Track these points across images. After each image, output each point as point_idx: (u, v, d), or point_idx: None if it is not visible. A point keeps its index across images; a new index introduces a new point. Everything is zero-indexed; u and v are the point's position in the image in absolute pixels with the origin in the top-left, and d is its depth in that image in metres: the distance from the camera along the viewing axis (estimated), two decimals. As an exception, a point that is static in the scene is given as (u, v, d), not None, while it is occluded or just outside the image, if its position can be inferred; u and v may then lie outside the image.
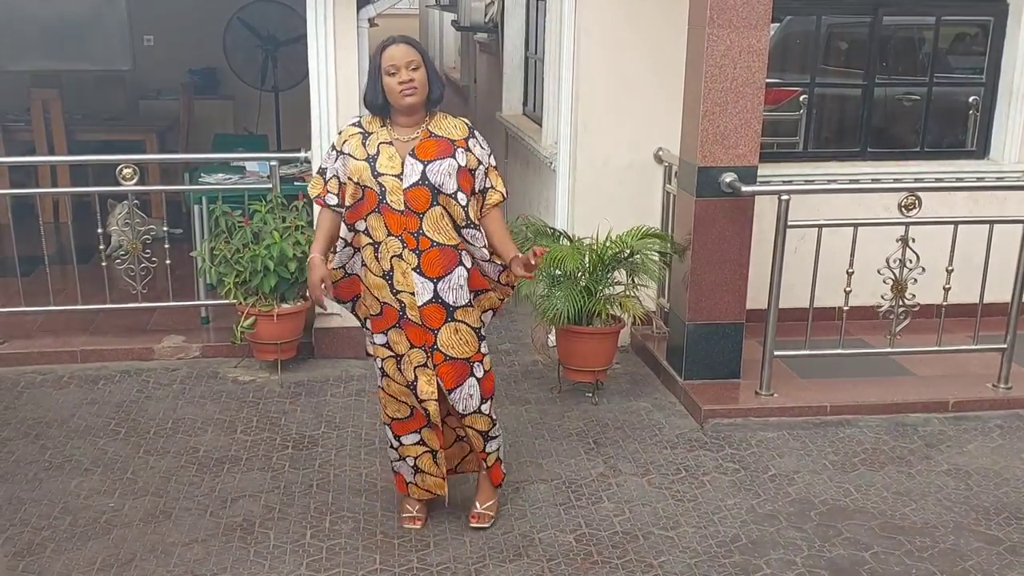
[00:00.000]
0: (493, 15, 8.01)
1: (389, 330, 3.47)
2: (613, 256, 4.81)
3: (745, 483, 4.09)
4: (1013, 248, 4.73)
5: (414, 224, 3.35)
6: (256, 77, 9.03)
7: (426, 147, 3.36)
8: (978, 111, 5.95)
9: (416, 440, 3.62)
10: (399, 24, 12.44)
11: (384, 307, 3.45)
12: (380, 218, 3.35)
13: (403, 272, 3.38)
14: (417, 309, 3.40)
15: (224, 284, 5.07)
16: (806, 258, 4.73)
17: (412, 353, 3.46)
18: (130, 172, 5.17)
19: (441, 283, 3.39)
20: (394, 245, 3.36)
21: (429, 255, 3.37)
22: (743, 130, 4.58)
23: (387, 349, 3.50)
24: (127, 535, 3.63)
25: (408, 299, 3.40)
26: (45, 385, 4.99)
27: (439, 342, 3.44)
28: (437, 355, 3.46)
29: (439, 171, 3.32)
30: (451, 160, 3.35)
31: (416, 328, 3.43)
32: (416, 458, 3.65)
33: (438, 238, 3.37)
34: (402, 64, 3.28)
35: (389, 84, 3.30)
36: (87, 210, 5.91)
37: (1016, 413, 4.74)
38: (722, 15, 4.46)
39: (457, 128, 3.43)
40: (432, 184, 3.32)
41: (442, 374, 3.47)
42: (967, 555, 3.59)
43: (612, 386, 5.05)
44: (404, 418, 3.60)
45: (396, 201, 3.33)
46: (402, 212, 3.33)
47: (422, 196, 3.33)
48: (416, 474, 3.68)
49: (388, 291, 3.42)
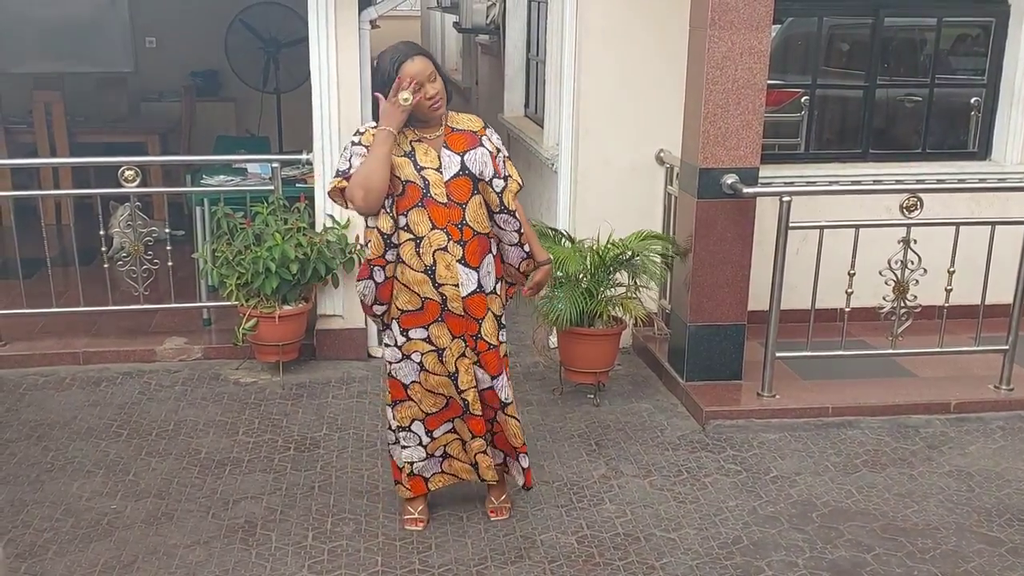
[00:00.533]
0: (495, 17, 8.01)
1: (431, 324, 3.47)
2: (614, 258, 4.81)
3: (747, 485, 4.09)
4: (1015, 249, 4.72)
5: (458, 215, 3.39)
6: (258, 79, 9.05)
7: (455, 140, 3.43)
8: (980, 112, 5.94)
9: (448, 429, 3.65)
10: (400, 26, 12.45)
11: (426, 302, 3.44)
12: (423, 212, 3.37)
13: (447, 265, 3.40)
14: (460, 300, 3.43)
15: (226, 286, 5.07)
16: (808, 259, 4.73)
17: (453, 345, 3.49)
18: (132, 174, 5.18)
19: (481, 271, 3.46)
20: (438, 238, 3.38)
21: (471, 245, 3.43)
22: (744, 131, 4.58)
23: (427, 343, 3.49)
24: (129, 537, 3.63)
25: (451, 291, 3.42)
26: (47, 387, 5.00)
27: (483, 331, 3.49)
28: (481, 343, 3.50)
29: (476, 160, 3.40)
30: (482, 148, 3.43)
31: (458, 319, 3.46)
32: (447, 445, 3.68)
33: (477, 227, 3.44)
34: (424, 79, 3.30)
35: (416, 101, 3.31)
36: (89, 212, 5.91)
37: (1018, 414, 4.74)
38: (723, 16, 4.46)
39: (472, 121, 3.52)
40: (472, 173, 3.39)
41: (486, 362, 3.52)
42: (969, 557, 3.58)
43: (614, 388, 5.05)
44: (440, 410, 3.60)
45: (440, 194, 3.36)
46: (446, 204, 3.37)
47: (464, 186, 3.39)
48: (444, 461, 3.71)
49: (430, 285, 3.42)
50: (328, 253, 5.06)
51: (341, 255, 5.15)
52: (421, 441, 3.65)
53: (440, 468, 3.73)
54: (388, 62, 3.32)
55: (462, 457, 3.71)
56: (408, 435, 3.64)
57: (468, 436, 3.65)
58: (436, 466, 3.72)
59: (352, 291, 5.32)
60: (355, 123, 5.15)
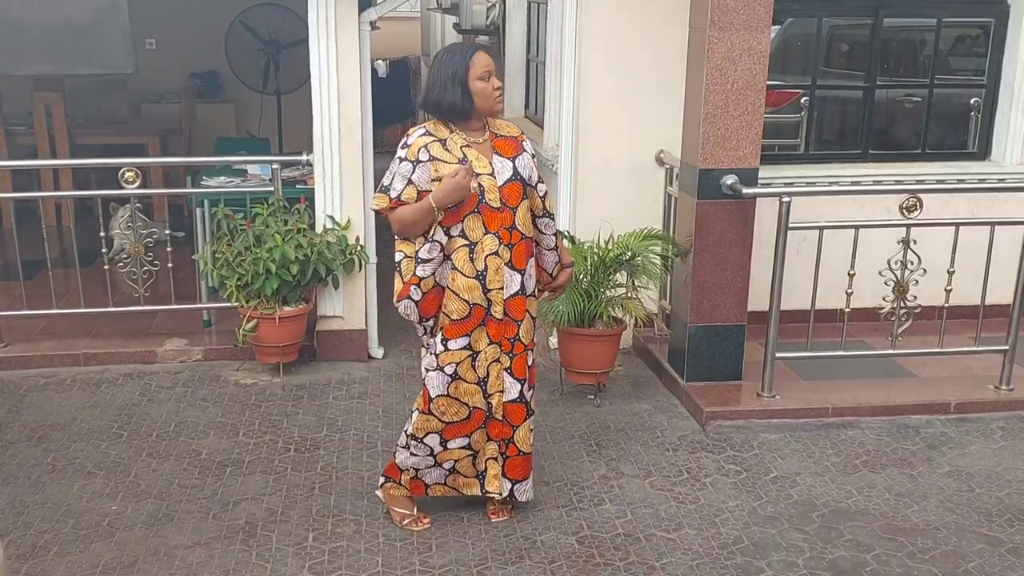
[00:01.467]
0: (495, 18, 8.02)
1: (473, 331, 3.50)
2: (615, 258, 4.81)
3: (747, 485, 4.10)
4: (1015, 249, 4.72)
5: (509, 219, 3.45)
6: (258, 80, 9.06)
7: (502, 145, 3.51)
8: (979, 113, 5.95)
9: (464, 444, 3.63)
10: (401, 27, 12.46)
11: (474, 308, 3.47)
12: (479, 218, 3.42)
13: (496, 269, 3.45)
14: (503, 303, 3.47)
15: (226, 287, 5.08)
16: (807, 260, 4.74)
17: (488, 349, 3.51)
18: (132, 175, 5.18)
19: (525, 273, 3.53)
20: (491, 243, 3.43)
21: (519, 248, 3.50)
22: (744, 132, 4.59)
23: (467, 351, 3.51)
24: (129, 538, 3.64)
25: (496, 296, 3.47)
26: (48, 388, 5.00)
27: (520, 332, 3.54)
28: (518, 345, 3.54)
29: (525, 164, 3.50)
30: (526, 154, 3.52)
31: (498, 324, 3.49)
32: (457, 461, 3.67)
33: (525, 231, 3.53)
34: (492, 71, 3.41)
35: (483, 89, 3.39)
36: (89, 213, 5.92)
37: (1018, 415, 4.74)
38: (723, 17, 4.47)
39: (510, 127, 3.60)
40: (523, 178, 3.48)
41: (516, 364, 3.56)
42: (969, 556, 3.59)
43: (614, 388, 5.05)
44: (462, 420, 3.58)
45: (494, 199, 3.42)
46: (499, 209, 3.43)
47: (516, 191, 3.47)
48: (450, 475, 3.70)
49: (480, 291, 3.46)
50: (328, 254, 5.07)
51: (341, 256, 5.16)
52: (432, 451, 3.64)
53: (444, 480, 3.72)
54: (459, 55, 3.40)
55: (469, 472, 3.70)
56: (419, 446, 3.64)
57: (483, 442, 3.64)
58: (440, 477, 3.71)
59: (352, 292, 5.35)
60: (355, 123, 5.17)
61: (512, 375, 3.57)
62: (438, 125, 3.47)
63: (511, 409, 3.60)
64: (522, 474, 3.71)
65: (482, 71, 3.38)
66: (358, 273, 5.31)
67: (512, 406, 3.60)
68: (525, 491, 3.75)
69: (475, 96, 3.39)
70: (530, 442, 3.72)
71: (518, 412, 3.61)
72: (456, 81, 3.37)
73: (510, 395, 3.58)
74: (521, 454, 3.68)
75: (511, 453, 3.67)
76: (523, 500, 3.77)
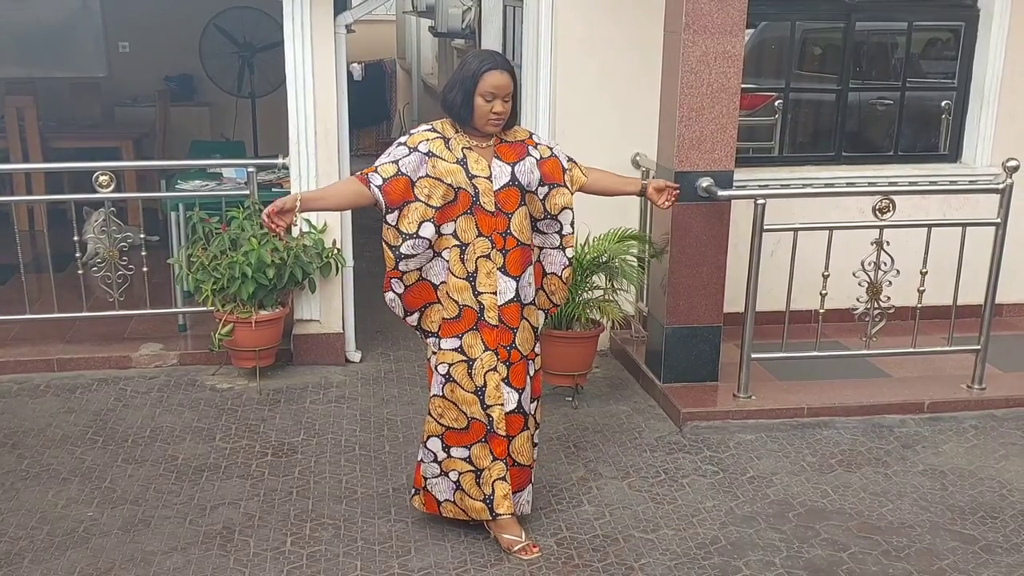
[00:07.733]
0: (470, 21, 8.03)
1: (465, 333, 3.48)
2: (592, 260, 4.83)
3: (724, 485, 4.12)
4: (986, 250, 4.79)
5: (503, 224, 3.44)
6: (233, 83, 9.03)
7: (505, 150, 3.49)
8: (950, 115, 6.02)
9: (464, 456, 3.58)
10: (376, 30, 12.45)
11: (463, 309, 3.46)
12: (471, 219, 3.41)
13: (487, 272, 3.44)
14: (496, 309, 3.46)
15: (202, 291, 5.04)
16: (782, 261, 4.77)
17: (485, 356, 3.48)
18: (106, 179, 5.15)
19: (520, 281, 3.50)
20: (482, 245, 3.42)
21: (513, 254, 3.48)
22: (719, 135, 4.62)
23: (459, 354, 3.50)
24: (106, 544, 3.61)
25: (488, 300, 3.45)
26: (21, 394, 4.96)
27: (517, 340, 3.52)
28: (515, 353, 3.52)
29: (524, 171, 3.48)
30: (529, 158, 3.51)
31: (493, 330, 3.47)
32: (461, 474, 3.61)
33: (521, 238, 3.50)
34: (500, 95, 3.36)
35: (481, 107, 3.37)
36: (63, 218, 5.87)
37: (990, 413, 4.80)
38: (697, 21, 4.50)
39: (519, 132, 3.59)
40: (521, 184, 3.46)
41: (514, 373, 3.53)
42: (943, 554, 3.63)
43: (592, 390, 5.07)
44: (461, 429, 3.55)
45: (488, 203, 3.42)
46: (493, 213, 3.42)
47: (513, 197, 3.46)
48: (456, 491, 3.63)
49: (470, 293, 3.45)
50: (305, 258, 5.05)
51: (318, 260, 5.14)
52: (436, 458, 3.63)
53: (452, 497, 3.65)
54: (476, 63, 3.38)
55: (474, 493, 3.60)
56: (425, 452, 3.65)
57: (488, 460, 3.55)
58: (449, 492, 3.64)
59: (328, 295, 5.34)
60: (331, 127, 5.16)
61: (509, 384, 3.53)
62: (446, 124, 3.48)
63: (509, 420, 3.55)
64: (517, 484, 3.67)
65: (488, 90, 3.34)
66: (335, 277, 5.29)
67: (509, 417, 3.55)
68: (520, 503, 3.71)
69: (474, 110, 3.38)
70: (529, 455, 3.67)
71: (515, 423, 3.58)
72: (464, 88, 3.37)
73: (508, 406, 3.54)
74: (517, 465, 3.64)
75: (508, 463, 3.62)
76: (520, 512, 3.72)
